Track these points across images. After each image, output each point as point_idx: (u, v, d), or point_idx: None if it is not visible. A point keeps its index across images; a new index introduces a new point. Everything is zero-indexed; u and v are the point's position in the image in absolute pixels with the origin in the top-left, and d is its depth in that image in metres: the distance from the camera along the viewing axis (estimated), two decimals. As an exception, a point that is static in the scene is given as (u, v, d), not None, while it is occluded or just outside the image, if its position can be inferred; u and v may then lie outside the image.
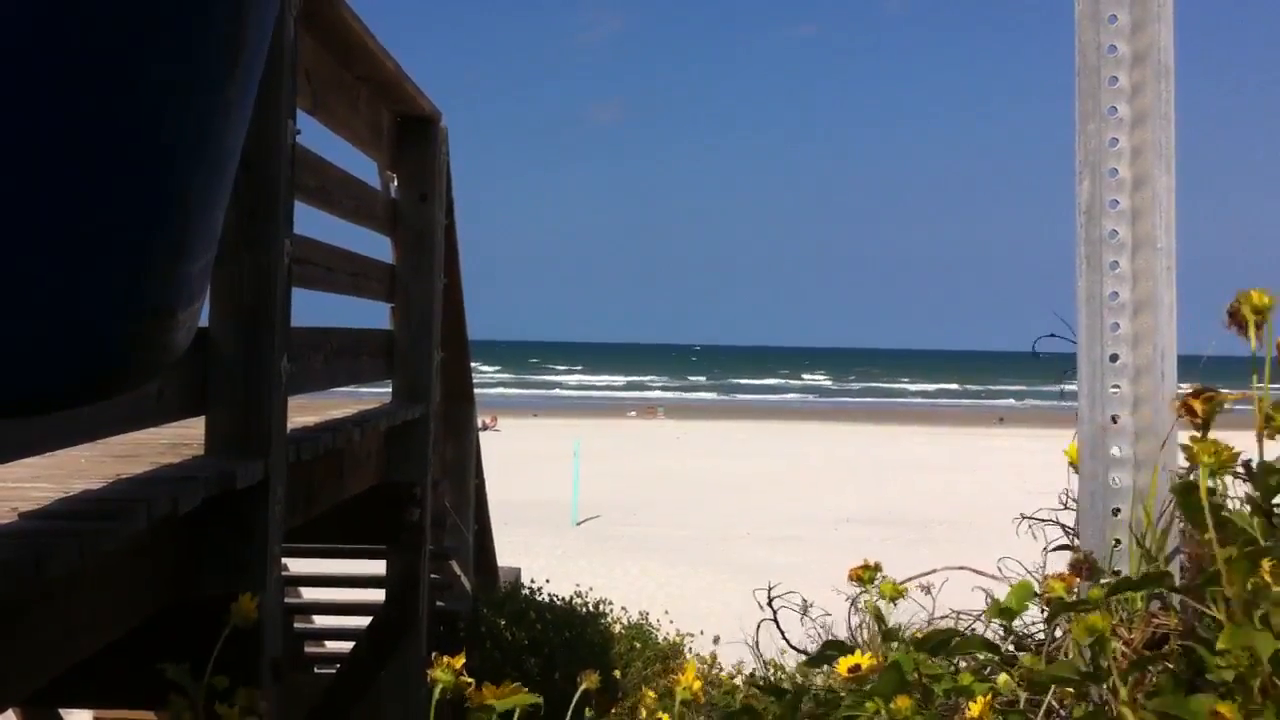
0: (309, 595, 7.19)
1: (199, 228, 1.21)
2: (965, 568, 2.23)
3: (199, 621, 2.19)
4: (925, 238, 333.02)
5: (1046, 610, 1.69)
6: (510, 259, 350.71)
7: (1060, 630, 1.83)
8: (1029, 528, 2.31)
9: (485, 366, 67.27)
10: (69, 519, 2.15)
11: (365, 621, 5.52)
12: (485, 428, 23.56)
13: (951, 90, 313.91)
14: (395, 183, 4.99)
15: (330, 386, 4.13)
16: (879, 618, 1.64)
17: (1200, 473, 1.39)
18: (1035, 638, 2.00)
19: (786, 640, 2.73)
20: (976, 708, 1.41)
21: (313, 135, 3.59)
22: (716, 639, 6.75)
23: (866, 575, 1.61)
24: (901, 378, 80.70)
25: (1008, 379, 67.85)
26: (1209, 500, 1.38)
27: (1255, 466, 1.44)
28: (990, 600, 2.01)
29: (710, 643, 6.85)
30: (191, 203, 1.18)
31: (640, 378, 75.78)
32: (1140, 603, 1.78)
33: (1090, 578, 1.73)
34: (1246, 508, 1.44)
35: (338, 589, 6.87)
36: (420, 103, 4.81)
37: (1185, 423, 1.46)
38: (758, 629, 2.89)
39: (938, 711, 1.55)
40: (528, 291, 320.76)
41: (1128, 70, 2.06)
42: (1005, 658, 1.82)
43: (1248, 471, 1.43)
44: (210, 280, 1.52)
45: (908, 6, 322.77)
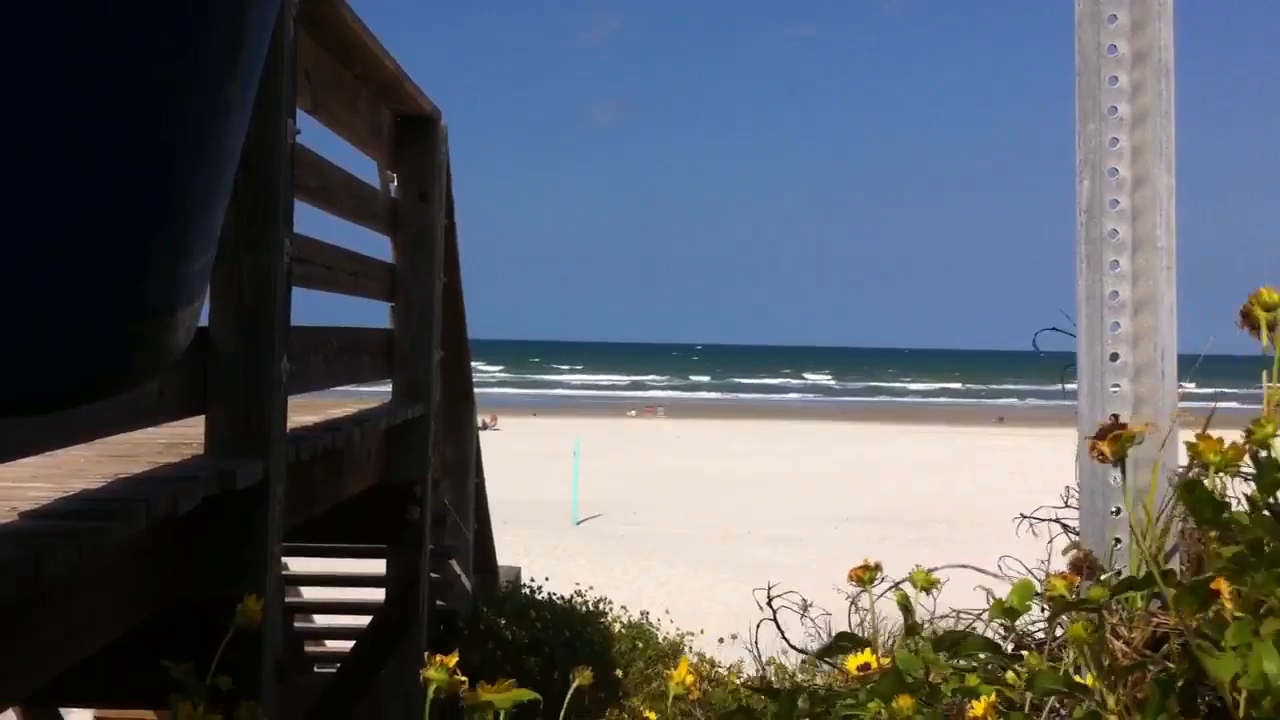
0: (309, 594, 7.19)
1: (199, 227, 1.21)
2: (966, 566, 2.23)
3: (199, 621, 2.19)
4: (926, 237, 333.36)
5: (1048, 609, 1.69)
6: (510, 259, 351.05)
7: (1061, 629, 1.82)
8: (1030, 526, 2.31)
9: (485, 366, 67.21)
10: (68, 519, 2.15)
11: (365, 621, 5.52)
12: (485, 427, 23.53)
13: (951, 90, 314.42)
14: (395, 182, 4.99)
15: (330, 386, 4.13)
16: (906, 609, 1.64)
17: (1208, 465, 1.38)
18: (1036, 636, 2.00)
19: (786, 640, 2.72)
20: (980, 707, 1.41)
21: (313, 135, 3.59)
22: (721, 640, 6.75)
23: (866, 576, 1.60)
24: (902, 377, 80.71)
25: (1008, 378, 67.92)
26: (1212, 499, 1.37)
27: (1263, 460, 1.43)
28: (991, 599, 2.01)
29: (711, 641, 6.86)
30: (191, 202, 1.18)
31: (641, 377, 75.76)
32: (1140, 602, 1.78)
33: (1092, 576, 1.73)
34: (1246, 507, 1.43)
35: (338, 588, 6.87)
36: (420, 102, 4.80)
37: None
38: (757, 628, 2.89)
39: (941, 711, 1.55)
40: (528, 291, 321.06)
41: (1128, 70, 2.06)
42: (1007, 656, 1.82)
43: (1254, 461, 1.42)
44: (210, 280, 1.52)
45: (908, 6, 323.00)
